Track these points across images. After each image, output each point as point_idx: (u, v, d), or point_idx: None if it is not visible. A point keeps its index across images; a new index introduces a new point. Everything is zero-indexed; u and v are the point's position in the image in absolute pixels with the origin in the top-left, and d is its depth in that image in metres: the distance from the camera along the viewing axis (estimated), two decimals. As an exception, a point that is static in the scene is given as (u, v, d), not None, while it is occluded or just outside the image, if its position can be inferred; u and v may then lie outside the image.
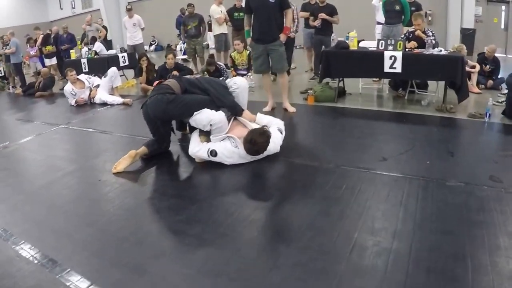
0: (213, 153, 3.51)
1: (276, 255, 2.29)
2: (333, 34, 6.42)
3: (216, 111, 3.60)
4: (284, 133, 3.90)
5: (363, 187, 3.05)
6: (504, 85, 5.66)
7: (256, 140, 3.39)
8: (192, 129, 3.87)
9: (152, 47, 17.16)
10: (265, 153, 3.57)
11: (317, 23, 7.04)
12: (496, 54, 6.39)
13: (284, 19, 5.05)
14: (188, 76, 3.99)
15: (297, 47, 9.52)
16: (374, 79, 6.49)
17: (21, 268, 2.32)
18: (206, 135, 3.65)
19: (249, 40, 5.23)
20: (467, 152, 3.86)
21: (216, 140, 3.58)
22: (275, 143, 3.65)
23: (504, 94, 5.14)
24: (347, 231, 2.46)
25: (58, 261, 2.34)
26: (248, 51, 7.11)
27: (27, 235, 2.69)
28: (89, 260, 2.37)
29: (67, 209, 3.07)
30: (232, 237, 2.50)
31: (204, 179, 3.58)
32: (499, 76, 6.27)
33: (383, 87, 6.40)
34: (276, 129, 3.80)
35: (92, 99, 7.21)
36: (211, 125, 3.51)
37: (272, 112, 5.36)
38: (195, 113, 3.57)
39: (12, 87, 10.46)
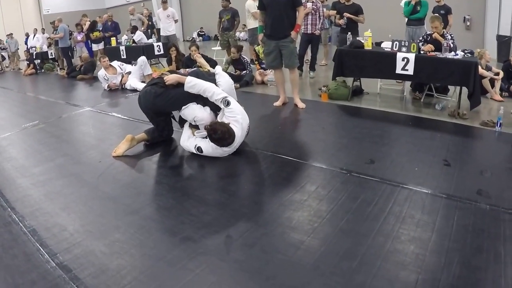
0: (199, 149, 3.66)
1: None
2: (349, 33, 6.33)
3: (203, 105, 3.73)
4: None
5: (338, 187, 3.06)
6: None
7: (213, 135, 3.48)
8: (182, 120, 4.01)
9: (200, 37, 17.83)
10: (237, 140, 3.61)
11: (342, 22, 7.01)
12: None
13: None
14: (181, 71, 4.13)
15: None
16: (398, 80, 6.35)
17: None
18: (196, 127, 3.81)
19: (261, 36, 5.30)
20: (464, 161, 3.64)
21: (199, 135, 3.71)
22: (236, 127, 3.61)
23: (524, 103, 4.88)
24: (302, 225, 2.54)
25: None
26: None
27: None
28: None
29: (59, 187, 3.38)
30: (197, 224, 2.64)
31: (188, 169, 3.73)
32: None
33: (404, 89, 6.23)
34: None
35: (123, 85, 7.66)
36: (195, 120, 3.66)
37: (282, 107, 5.46)
38: (183, 107, 3.73)
39: (60, 69, 11.29)
